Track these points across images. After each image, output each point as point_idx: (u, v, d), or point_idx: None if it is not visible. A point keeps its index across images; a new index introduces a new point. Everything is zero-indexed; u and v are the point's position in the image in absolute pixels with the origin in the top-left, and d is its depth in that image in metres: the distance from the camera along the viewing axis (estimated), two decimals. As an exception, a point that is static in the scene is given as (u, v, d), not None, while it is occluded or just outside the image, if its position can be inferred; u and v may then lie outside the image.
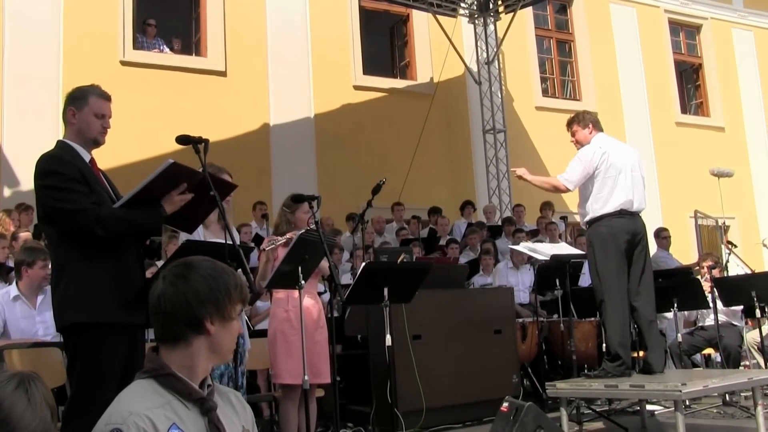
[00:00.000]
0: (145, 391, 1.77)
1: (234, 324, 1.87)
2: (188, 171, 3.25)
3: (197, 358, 1.82)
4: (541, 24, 14.83)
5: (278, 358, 4.71)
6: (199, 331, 1.82)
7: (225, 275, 1.87)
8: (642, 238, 5.42)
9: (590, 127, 5.63)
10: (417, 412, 5.95)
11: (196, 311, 1.80)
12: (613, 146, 5.53)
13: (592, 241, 5.45)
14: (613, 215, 5.34)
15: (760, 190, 16.30)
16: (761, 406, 5.03)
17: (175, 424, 1.71)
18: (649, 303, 5.40)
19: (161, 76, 10.89)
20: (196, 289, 1.81)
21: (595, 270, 5.40)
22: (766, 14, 17.33)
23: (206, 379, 1.88)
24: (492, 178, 12.73)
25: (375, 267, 5.02)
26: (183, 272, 1.85)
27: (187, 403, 1.78)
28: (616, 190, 5.35)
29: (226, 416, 1.88)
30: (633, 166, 5.50)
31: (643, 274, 5.39)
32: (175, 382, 1.78)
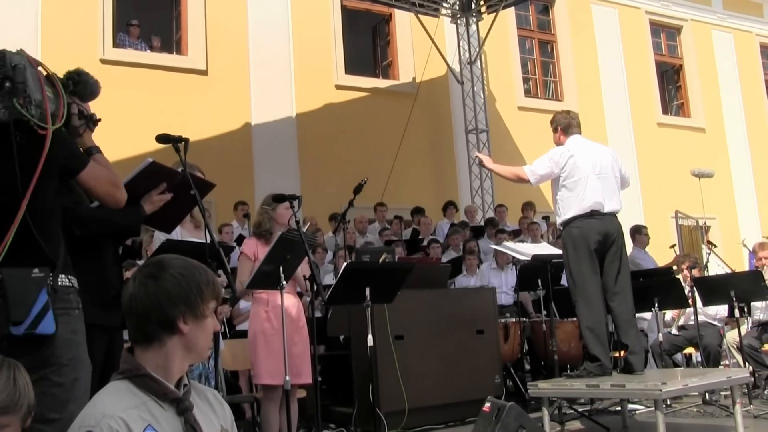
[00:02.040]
0: (120, 392, 1.74)
1: (208, 322, 1.84)
2: (168, 170, 3.22)
3: (172, 358, 1.80)
4: (523, 24, 14.87)
5: (259, 358, 4.68)
6: (173, 331, 1.79)
7: (196, 273, 1.84)
8: (616, 239, 5.43)
9: (559, 131, 5.67)
10: (399, 413, 5.94)
11: (168, 311, 1.78)
12: (584, 149, 5.53)
13: (565, 243, 5.49)
14: (584, 217, 5.35)
15: (740, 190, 16.44)
16: (740, 405, 5.06)
17: (151, 425, 1.69)
18: (626, 303, 5.42)
19: (141, 74, 10.81)
20: (167, 288, 1.78)
21: (569, 271, 5.44)
22: (744, 16, 17.49)
23: (183, 378, 1.85)
24: (474, 178, 12.75)
25: (357, 267, 5.00)
26: (153, 272, 1.82)
27: (162, 404, 1.76)
28: (585, 193, 5.37)
29: (203, 416, 1.86)
30: (606, 167, 5.51)
31: (619, 274, 5.40)
32: (151, 382, 1.76)
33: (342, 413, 6.52)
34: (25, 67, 2.33)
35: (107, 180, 2.68)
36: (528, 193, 11.51)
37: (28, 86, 2.31)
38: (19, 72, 2.31)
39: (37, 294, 2.27)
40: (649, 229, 10.00)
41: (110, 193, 2.69)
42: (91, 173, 2.62)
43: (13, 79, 2.28)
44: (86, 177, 2.61)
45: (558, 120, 5.71)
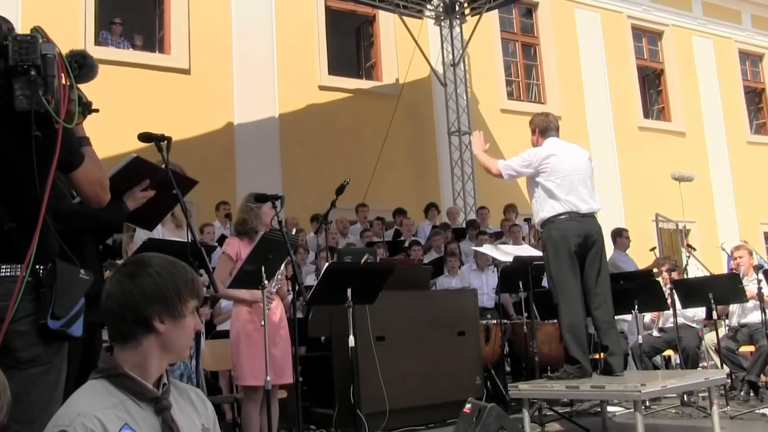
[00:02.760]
0: (96, 391, 1.73)
1: (187, 321, 1.83)
2: (151, 166, 3.20)
3: (148, 357, 1.79)
4: (506, 27, 14.93)
5: (242, 359, 4.66)
6: (149, 330, 1.78)
7: (175, 271, 1.82)
8: (596, 240, 5.44)
9: (537, 133, 5.69)
10: (380, 414, 5.94)
11: (143, 310, 1.77)
12: (561, 151, 5.55)
13: (545, 245, 5.50)
14: (563, 218, 5.37)
15: (719, 194, 16.59)
16: (717, 406, 5.13)
17: (127, 425, 1.68)
18: (607, 305, 5.44)
19: (123, 73, 10.73)
20: (143, 287, 1.77)
21: (549, 274, 5.45)
22: (723, 23, 17.67)
23: (162, 377, 1.84)
24: (457, 180, 12.78)
25: (338, 267, 5.00)
26: (132, 270, 1.81)
27: (140, 403, 1.75)
28: (563, 193, 5.39)
29: (184, 415, 1.85)
30: (583, 168, 5.54)
31: (599, 276, 5.42)
32: (128, 381, 1.75)
33: (323, 414, 6.51)
34: (54, 57, 2.23)
35: (98, 181, 2.64)
36: (510, 195, 11.56)
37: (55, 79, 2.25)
38: (50, 64, 2.20)
39: (81, 295, 2.24)
40: (629, 232, 10.07)
41: (97, 194, 2.66)
42: (84, 172, 2.57)
43: (41, 70, 2.19)
44: (80, 174, 2.57)
45: (536, 122, 5.72)
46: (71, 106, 2.37)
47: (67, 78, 2.33)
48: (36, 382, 2.10)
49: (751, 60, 18.49)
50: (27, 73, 2.15)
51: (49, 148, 2.21)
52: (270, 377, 4.44)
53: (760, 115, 18.67)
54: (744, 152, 17.23)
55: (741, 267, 7.24)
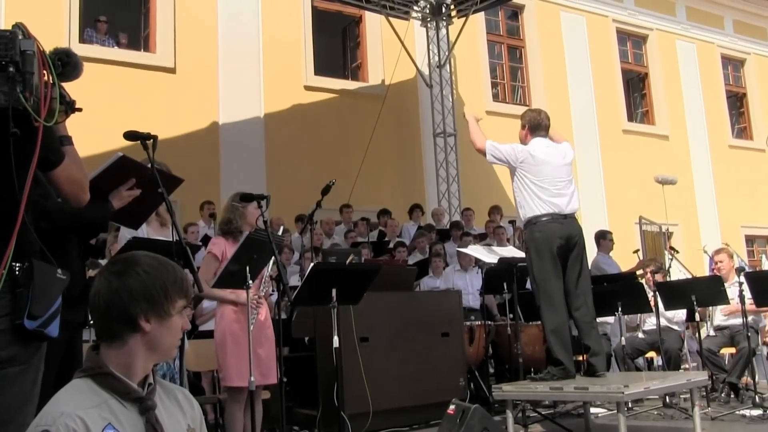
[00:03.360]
0: (80, 390, 1.72)
1: (174, 321, 1.81)
2: (137, 165, 3.20)
3: (134, 356, 1.78)
4: (492, 29, 14.97)
5: (228, 360, 4.62)
6: (134, 329, 1.77)
7: (164, 270, 1.81)
8: (578, 242, 5.47)
9: (527, 129, 5.69)
10: (364, 415, 5.94)
11: (129, 309, 1.76)
12: (546, 152, 5.55)
13: (528, 247, 5.53)
14: (545, 220, 5.39)
15: (702, 197, 16.72)
16: (698, 407, 5.17)
17: (111, 424, 1.67)
18: (587, 305, 5.47)
19: (108, 71, 10.67)
20: (129, 285, 1.76)
21: (532, 275, 5.47)
22: (706, 28, 17.82)
23: (148, 377, 1.83)
24: (442, 182, 12.79)
25: (323, 268, 5.00)
26: (120, 269, 1.80)
27: (125, 403, 1.73)
28: (544, 195, 5.41)
29: (170, 415, 1.84)
30: (566, 169, 5.57)
31: (580, 277, 5.45)
32: (113, 381, 1.74)
33: (306, 415, 6.50)
34: (34, 53, 2.19)
35: (78, 181, 2.61)
36: (495, 197, 11.61)
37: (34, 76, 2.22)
38: (29, 60, 2.16)
39: (58, 295, 2.22)
40: (613, 234, 10.12)
41: (76, 194, 2.63)
42: (64, 171, 2.54)
43: (19, 67, 2.15)
44: (59, 173, 2.53)
45: (527, 117, 5.72)
46: (53, 104, 2.33)
47: (49, 75, 2.31)
48: (14, 382, 2.08)
49: (733, 65, 18.65)
50: (5, 70, 2.11)
51: (29, 146, 2.19)
52: (255, 378, 4.43)
53: (742, 120, 18.84)
54: (726, 156, 17.38)
55: (722, 271, 7.29)
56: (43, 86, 2.21)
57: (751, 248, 17.57)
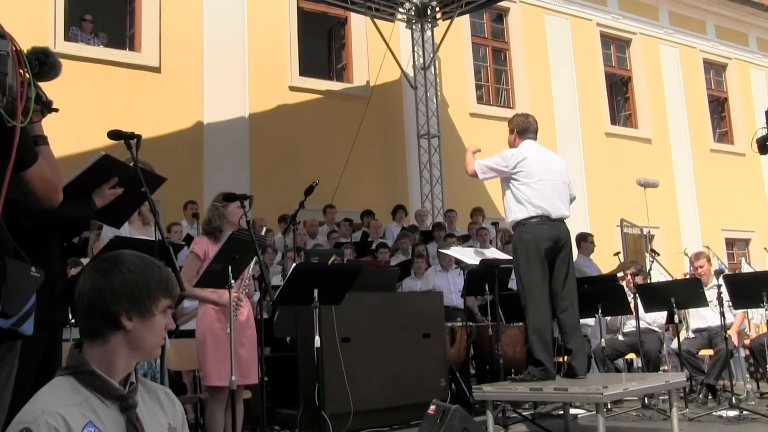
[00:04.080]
0: (61, 388, 1.73)
1: (157, 320, 1.83)
2: (120, 164, 3.20)
3: (116, 354, 1.79)
4: (477, 32, 15.03)
5: (208, 359, 4.64)
6: (116, 327, 1.78)
7: (148, 270, 1.83)
8: (565, 245, 5.52)
9: (515, 133, 5.75)
10: (345, 415, 5.96)
11: (111, 306, 1.77)
12: (537, 154, 5.61)
13: (516, 247, 5.54)
14: (534, 221, 5.43)
15: (683, 201, 16.86)
16: (676, 408, 5.24)
17: (92, 422, 1.68)
18: (572, 308, 5.52)
19: (93, 69, 10.64)
20: (112, 283, 1.78)
21: (519, 276, 5.50)
22: (689, 33, 17.98)
23: (130, 375, 1.85)
24: (425, 183, 12.84)
25: (305, 268, 5.01)
26: (104, 266, 1.82)
27: (106, 401, 1.75)
28: (535, 197, 5.45)
29: (151, 414, 1.85)
30: (558, 174, 5.62)
31: (566, 279, 5.50)
32: (94, 379, 1.75)
33: (287, 415, 6.51)
34: (8, 54, 2.16)
35: (50, 182, 2.60)
36: (477, 199, 11.65)
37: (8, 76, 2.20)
38: (2, 61, 2.12)
39: (32, 293, 2.22)
40: (594, 236, 10.19)
41: (48, 195, 2.61)
42: (38, 171, 2.53)
43: None
44: (32, 173, 2.52)
45: (516, 122, 5.78)
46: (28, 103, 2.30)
47: (26, 75, 2.30)
48: None
49: (714, 69, 18.83)
50: None
51: (3, 145, 2.18)
52: (236, 377, 4.45)
53: (723, 124, 19.02)
54: (707, 160, 17.54)
55: (702, 276, 7.37)
56: (18, 86, 2.18)
57: (731, 251, 17.75)
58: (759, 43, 19.51)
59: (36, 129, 2.57)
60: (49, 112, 2.70)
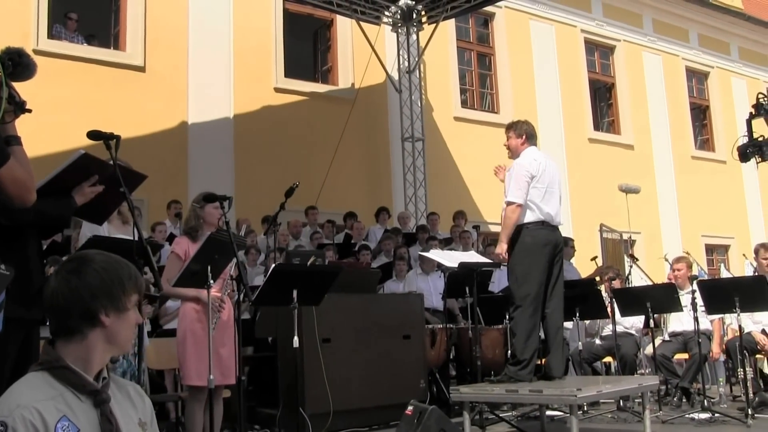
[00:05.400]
0: (37, 383, 1.78)
1: (130, 315, 1.89)
2: (99, 162, 3.24)
3: (93, 350, 1.85)
4: (462, 36, 15.12)
5: (188, 358, 4.68)
6: (95, 323, 1.84)
7: (118, 267, 1.89)
8: (561, 250, 5.66)
9: (523, 137, 5.83)
10: (324, 415, 5.99)
11: (90, 305, 1.83)
12: (545, 160, 5.75)
13: (516, 249, 5.59)
14: (536, 226, 5.52)
15: (665, 207, 17.03)
16: (649, 411, 5.33)
17: (66, 416, 1.73)
18: (559, 310, 5.63)
19: (77, 68, 10.64)
20: (89, 282, 1.84)
21: (515, 276, 5.55)
22: (672, 40, 18.18)
23: (102, 371, 1.90)
24: (409, 186, 12.90)
25: (284, 269, 5.06)
26: (76, 267, 1.87)
27: (80, 396, 1.80)
28: (544, 202, 5.55)
29: (122, 409, 1.90)
30: (557, 181, 5.75)
31: (556, 282, 5.60)
32: (69, 374, 1.80)
33: (267, 414, 6.55)
34: None
35: (22, 182, 2.61)
36: (460, 203, 11.74)
37: None
38: None
39: (1, 290, 2.24)
40: (576, 241, 10.30)
41: (20, 195, 2.62)
42: (8, 171, 2.52)
43: None
44: (4, 173, 2.51)
45: (524, 128, 5.86)
46: None
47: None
48: None
49: (697, 77, 19.04)
50: None
51: None
52: (216, 377, 4.49)
53: (705, 131, 19.23)
54: (689, 167, 17.74)
55: (678, 279, 7.47)
56: None
57: (710, 257, 17.95)
58: (741, 52, 19.75)
59: (9, 129, 2.60)
60: (23, 113, 2.72)
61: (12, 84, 2.66)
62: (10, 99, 2.64)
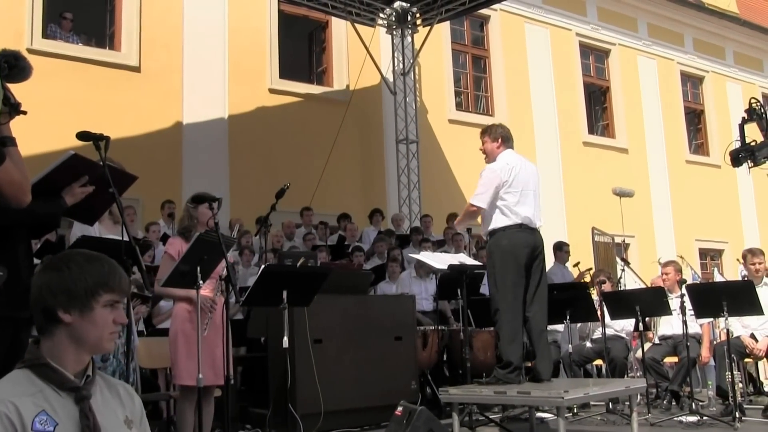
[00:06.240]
0: (17, 379, 1.82)
1: (98, 314, 1.89)
2: (89, 163, 3.26)
3: (61, 347, 1.87)
4: (457, 39, 15.16)
5: (179, 358, 4.71)
6: (56, 321, 1.87)
7: (88, 265, 1.90)
8: (540, 253, 5.63)
9: (499, 141, 5.78)
10: (315, 415, 6.01)
11: (48, 302, 1.86)
12: (520, 163, 5.70)
13: (492, 253, 5.59)
14: (514, 229, 5.52)
15: (659, 211, 17.08)
16: (636, 413, 5.36)
17: (45, 411, 1.77)
18: (542, 313, 5.62)
19: (71, 67, 10.65)
20: (48, 280, 1.87)
21: (494, 280, 5.54)
22: (667, 45, 18.25)
23: (87, 369, 1.92)
24: (403, 188, 12.94)
25: (274, 270, 5.09)
26: (47, 265, 1.91)
27: (61, 392, 1.83)
28: (519, 206, 5.52)
29: (108, 406, 1.93)
30: (535, 183, 5.71)
31: (538, 286, 5.59)
32: (49, 371, 1.84)
33: (259, 414, 6.57)
34: None
35: (18, 183, 2.63)
36: (453, 205, 11.77)
37: None
38: None
39: None
40: (571, 244, 10.35)
41: (16, 196, 2.64)
42: (5, 173, 2.54)
43: None
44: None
45: (499, 132, 5.81)
46: None
47: None
48: None
49: (691, 82, 19.11)
50: None
51: None
52: (210, 377, 4.53)
53: (699, 136, 19.29)
54: (683, 171, 17.79)
55: (666, 283, 7.52)
56: None
57: (704, 261, 18.00)
58: (736, 56, 19.82)
59: (4, 130, 2.63)
60: (18, 114, 2.75)
61: (7, 86, 2.69)
62: (5, 101, 2.66)
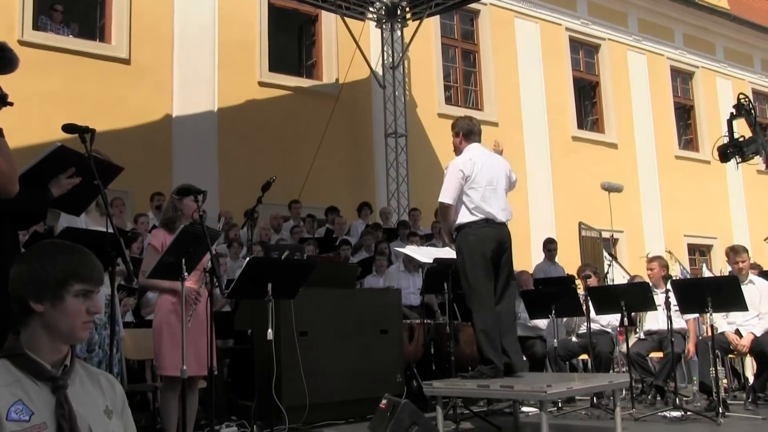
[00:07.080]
0: (-3, 370, 1.84)
1: (69, 304, 1.90)
2: (76, 154, 3.27)
3: (37, 338, 1.89)
4: (447, 33, 15.17)
5: (163, 349, 4.73)
6: (29, 310, 1.89)
7: (59, 255, 1.91)
8: (508, 247, 5.61)
9: (461, 136, 5.80)
10: (301, 408, 6.03)
11: (19, 291, 1.88)
12: (484, 157, 5.68)
13: (461, 248, 5.60)
14: (480, 224, 5.52)
15: (648, 206, 17.15)
16: (620, 408, 5.40)
17: (21, 401, 1.78)
18: (510, 307, 5.66)
19: (62, 59, 10.62)
20: (21, 270, 1.89)
21: (465, 276, 5.56)
22: (657, 40, 18.30)
23: (66, 359, 1.93)
24: (392, 182, 12.94)
25: (259, 262, 5.10)
26: (22, 255, 1.94)
27: (38, 382, 1.85)
28: (483, 201, 5.52)
29: (88, 396, 1.94)
30: (501, 178, 5.69)
31: (507, 280, 5.60)
32: (27, 361, 1.85)
33: (245, 406, 6.58)
34: None
35: (6, 174, 2.65)
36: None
37: None
38: None
39: None
40: (559, 238, 10.41)
41: (3, 187, 2.65)
42: None
43: None
44: None
45: (460, 125, 5.83)
46: None
47: None
48: None
49: (681, 77, 19.16)
50: None
51: None
52: (194, 367, 4.54)
53: (689, 131, 19.36)
54: (672, 166, 17.86)
55: (651, 279, 7.56)
56: None
57: (693, 257, 18.09)
58: (726, 52, 19.89)
59: None
60: (4, 106, 2.76)
61: None
62: None
